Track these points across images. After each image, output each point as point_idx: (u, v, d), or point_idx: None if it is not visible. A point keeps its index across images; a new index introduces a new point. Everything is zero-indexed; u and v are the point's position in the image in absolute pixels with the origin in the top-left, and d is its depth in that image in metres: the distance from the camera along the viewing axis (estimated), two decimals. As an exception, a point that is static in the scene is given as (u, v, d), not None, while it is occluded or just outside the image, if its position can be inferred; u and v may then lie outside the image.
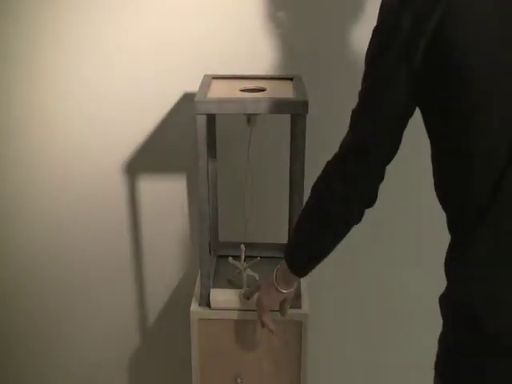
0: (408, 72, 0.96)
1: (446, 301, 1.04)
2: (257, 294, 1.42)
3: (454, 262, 1.03)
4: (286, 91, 1.47)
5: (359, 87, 1.06)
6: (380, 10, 1.00)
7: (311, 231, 1.18)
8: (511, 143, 0.93)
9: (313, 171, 1.18)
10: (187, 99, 1.70)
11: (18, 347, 2.03)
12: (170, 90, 1.71)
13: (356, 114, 1.06)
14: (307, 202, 1.18)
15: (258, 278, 1.54)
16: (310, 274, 1.31)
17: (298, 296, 1.48)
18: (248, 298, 1.49)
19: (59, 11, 1.66)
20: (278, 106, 1.37)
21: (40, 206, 1.86)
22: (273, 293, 1.33)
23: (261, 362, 1.54)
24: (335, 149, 1.12)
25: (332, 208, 1.10)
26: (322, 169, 1.13)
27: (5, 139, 1.80)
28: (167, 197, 1.83)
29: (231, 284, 1.57)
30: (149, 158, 1.79)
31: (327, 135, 1.48)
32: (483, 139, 0.95)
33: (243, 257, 1.59)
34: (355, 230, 1.15)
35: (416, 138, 1.13)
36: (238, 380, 1.55)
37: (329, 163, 1.12)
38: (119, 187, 1.82)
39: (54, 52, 1.70)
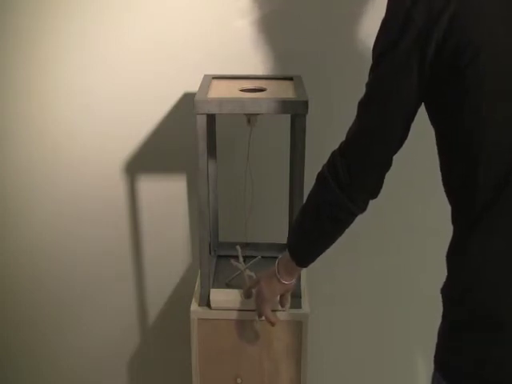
0: (418, 67, 0.97)
1: (447, 293, 1.05)
2: (256, 287, 1.41)
3: (457, 255, 1.04)
4: (286, 91, 1.47)
5: (360, 87, 1.06)
6: (389, 4, 0.99)
7: (314, 220, 1.17)
8: None
9: (313, 171, 1.18)
10: (187, 99, 1.70)
11: (18, 347, 2.03)
12: (170, 90, 1.71)
13: (363, 105, 1.06)
14: (311, 190, 1.17)
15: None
16: (311, 272, 1.31)
17: (298, 296, 1.49)
18: (248, 297, 1.48)
19: (59, 11, 1.66)
20: (278, 106, 1.37)
21: (40, 205, 1.86)
22: (275, 284, 1.32)
23: (261, 362, 1.54)
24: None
25: (336, 197, 1.10)
26: (328, 157, 1.13)
27: (4, 139, 1.80)
28: (167, 197, 1.83)
29: (231, 286, 1.57)
30: (149, 158, 1.79)
31: (327, 135, 1.48)
32: (491, 137, 0.95)
33: (241, 257, 1.59)
34: (358, 227, 1.15)
35: (419, 128, 1.13)
36: (238, 380, 1.55)
37: (334, 152, 1.11)
38: (119, 187, 1.82)
39: (53, 52, 1.70)
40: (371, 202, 1.12)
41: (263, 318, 1.38)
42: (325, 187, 1.12)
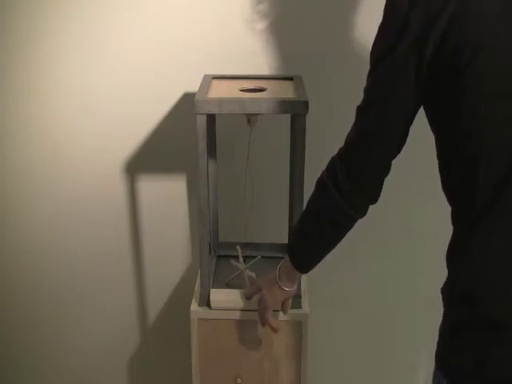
0: (416, 69, 0.97)
1: (447, 293, 1.05)
2: (258, 294, 1.41)
3: (458, 255, 1.04)
4: (286, 91, 1.47)
5: (360, 87, 1.06)
6: (386, 7, 1.00)
7: (315, 225, 1.17)
8: None
9: (313, 171, 1.18)
10: (187, 99, 1.70)
11: (18, 347, 2.03)
12: (170, 90, 1.71)
13: (362, 109, 1.07)
14: (311, 196, 1.18)
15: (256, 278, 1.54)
16: (310, 273, 1.31)
17: (298, 296, 1.48)
18: (249, 299, 1.48)
19: (59, 11, 1.66)
20: (278, 105, 1.37)
21: (40, 205, 1.86)
22: (276, 291, 1.33)
23: (261, 362, 1.54)
24: (335, 149, 1.12)
25: (336, 203, 1.10)
26: (327, 163, 1.13)
27: (4, 139, 1.80)
28: (167, 197, 1.83)
29: (231, 286, 1.57)
30: (149, 158, 1.79)
31: (327, 135, 1.48)
32: (491, 137, 0.95)
33: (241, 257, 1.59)
34: (357, 230, 1.15)
35: (417, 132, 1.13)
36: (238, 380, 1.55)
37: (333, 158, 1.12)
38: (119, 187, 1.82)
39: (53, 52, 1.70)
40: (370, 206, 1.13)
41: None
42: (324, 193, 1.12)
